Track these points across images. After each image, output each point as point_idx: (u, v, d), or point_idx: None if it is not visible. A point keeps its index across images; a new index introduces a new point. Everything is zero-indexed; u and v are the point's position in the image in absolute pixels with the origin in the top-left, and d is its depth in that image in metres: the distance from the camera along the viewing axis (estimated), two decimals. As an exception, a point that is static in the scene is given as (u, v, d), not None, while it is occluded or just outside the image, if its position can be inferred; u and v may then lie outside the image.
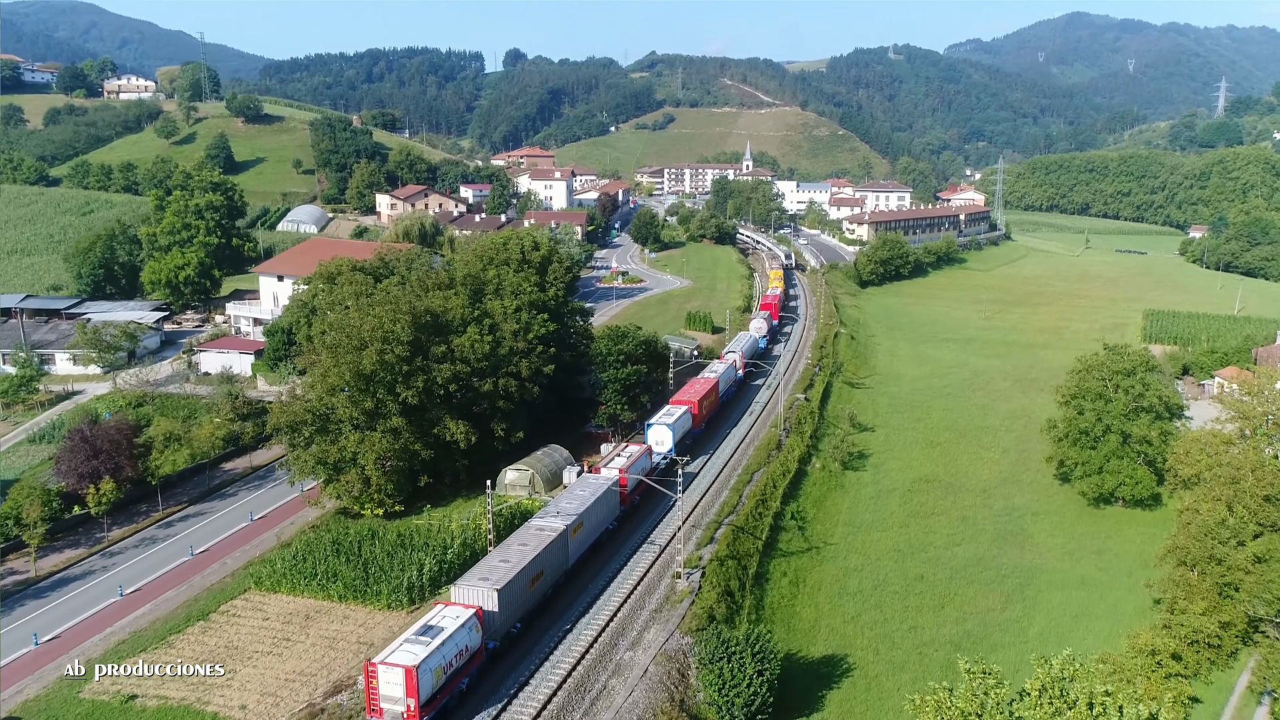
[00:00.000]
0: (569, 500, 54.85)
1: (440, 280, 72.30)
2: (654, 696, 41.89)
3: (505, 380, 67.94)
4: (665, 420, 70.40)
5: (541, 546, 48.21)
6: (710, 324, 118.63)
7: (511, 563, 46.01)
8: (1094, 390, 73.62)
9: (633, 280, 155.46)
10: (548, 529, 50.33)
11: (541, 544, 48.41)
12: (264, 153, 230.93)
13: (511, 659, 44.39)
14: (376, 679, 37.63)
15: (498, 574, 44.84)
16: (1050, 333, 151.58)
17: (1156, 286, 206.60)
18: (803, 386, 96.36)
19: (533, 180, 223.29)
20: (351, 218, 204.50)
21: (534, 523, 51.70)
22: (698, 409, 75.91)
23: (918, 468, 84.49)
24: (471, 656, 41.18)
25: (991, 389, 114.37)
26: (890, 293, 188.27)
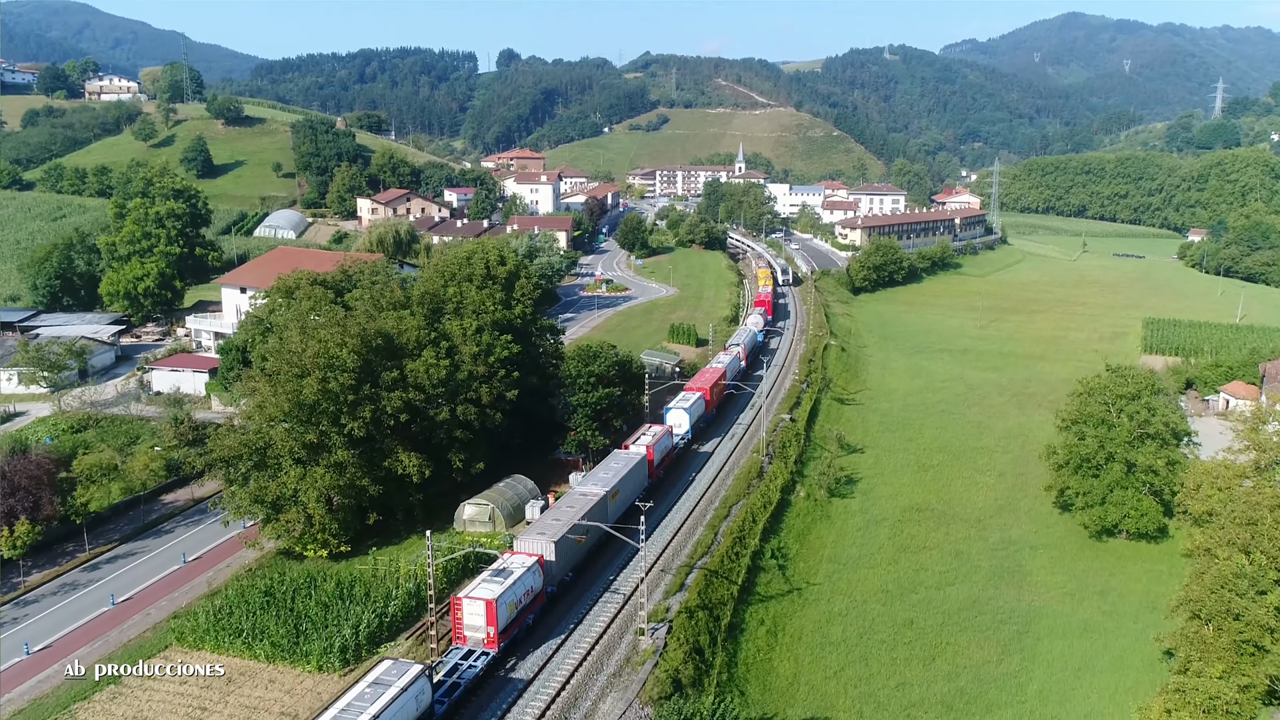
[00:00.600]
0: (605, 471, 62.01)
1: (395, 299, 67.27)
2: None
3: (464, 408, 62.99)
4: (682, 405, 78.04)
5: (587, 508, 55.14)
6: (694, 336, 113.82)
7: (563, 521, 52.96)
8: (1096, 415, 68.90)
9: (617, 288, 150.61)
10: (590, 494, 57.32)
11: (587, 506, 55.42)
12: (244, 155, 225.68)
13: (566, 602, 51.54)
14: (461, 610, 44.01)
15: (553, 529, 51.50)
16: (1047, 343, 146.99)
17: (1155, 292, 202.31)
18: (788, 405, 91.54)
19: (518, 184, 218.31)
20: (332, 222, 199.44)
21: (578, 489, 59.28)
22: (710, 395, 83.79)
23: (909, 494, 79.70)
24: (535, 597, 47.91)
25: (987, 404, 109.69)
26: (883, 300, 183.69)
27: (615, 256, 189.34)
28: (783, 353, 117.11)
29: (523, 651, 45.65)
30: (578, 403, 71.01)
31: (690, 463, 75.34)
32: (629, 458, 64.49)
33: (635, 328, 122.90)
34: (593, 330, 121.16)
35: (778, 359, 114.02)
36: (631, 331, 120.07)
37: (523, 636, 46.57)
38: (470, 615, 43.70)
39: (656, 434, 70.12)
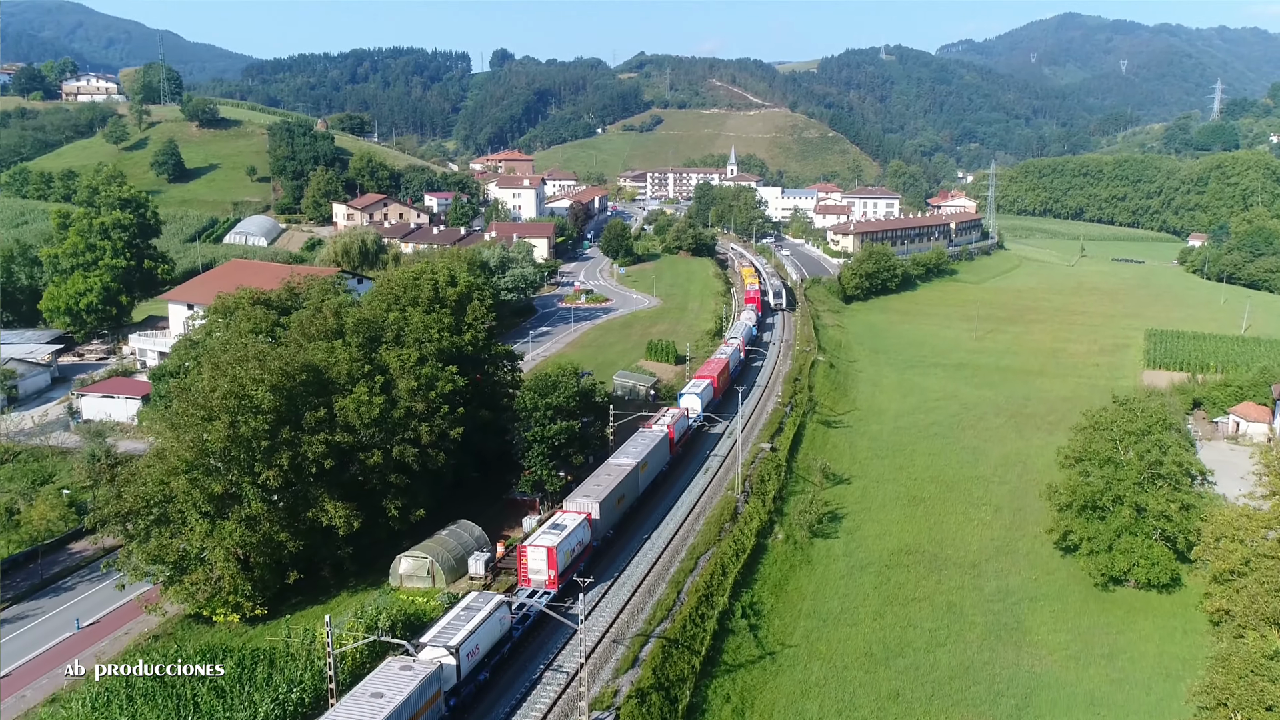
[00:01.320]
0: (634, 446, 68.67)
1: (327, 327, 60.72)
2: None
3: (401, 449, 56.56)
4: (694, 391, 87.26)
5: (622, 476, 62.76)
6: (674, 353, 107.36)
7: (603, 486, 60.58)
8: (1102, 453, 62.57)
9: (597, 299, 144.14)
10: (624, 465, 64.52)
11: (622, 474, 62.95)
12: (218, 159, 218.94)
13: (609, 554, 59.61)
14: (526, 557, 51.87)
15: (596, 493, 59.41)
16: (1046, 356, 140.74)
17: (1156, 300, 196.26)
18: (769, 433, 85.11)
19: (500, 189, 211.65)
20: (306, 229, 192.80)
21: (613, 460, 65.62)
22: (717, 381, 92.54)
23: (898, 533, 73.35)
24: (585, 548, 55.67)
25: (983, 426, 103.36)
26: (876, 308, 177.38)
27: (599, 264, 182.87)
28: (766, 371, 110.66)
29: (576, 594, 49.14)
30: (533, 438, 64.53)
31: (703, 441, 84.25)
32: (653, 435, 72.44)
33: (612, 344, 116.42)
34: (567, 346, 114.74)
35: (761, 378, 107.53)
36: (607, 348, 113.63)
37: (591, 567, 55.87)
38: (534, 560, 51.76)
39: (675, 415, 78.33)
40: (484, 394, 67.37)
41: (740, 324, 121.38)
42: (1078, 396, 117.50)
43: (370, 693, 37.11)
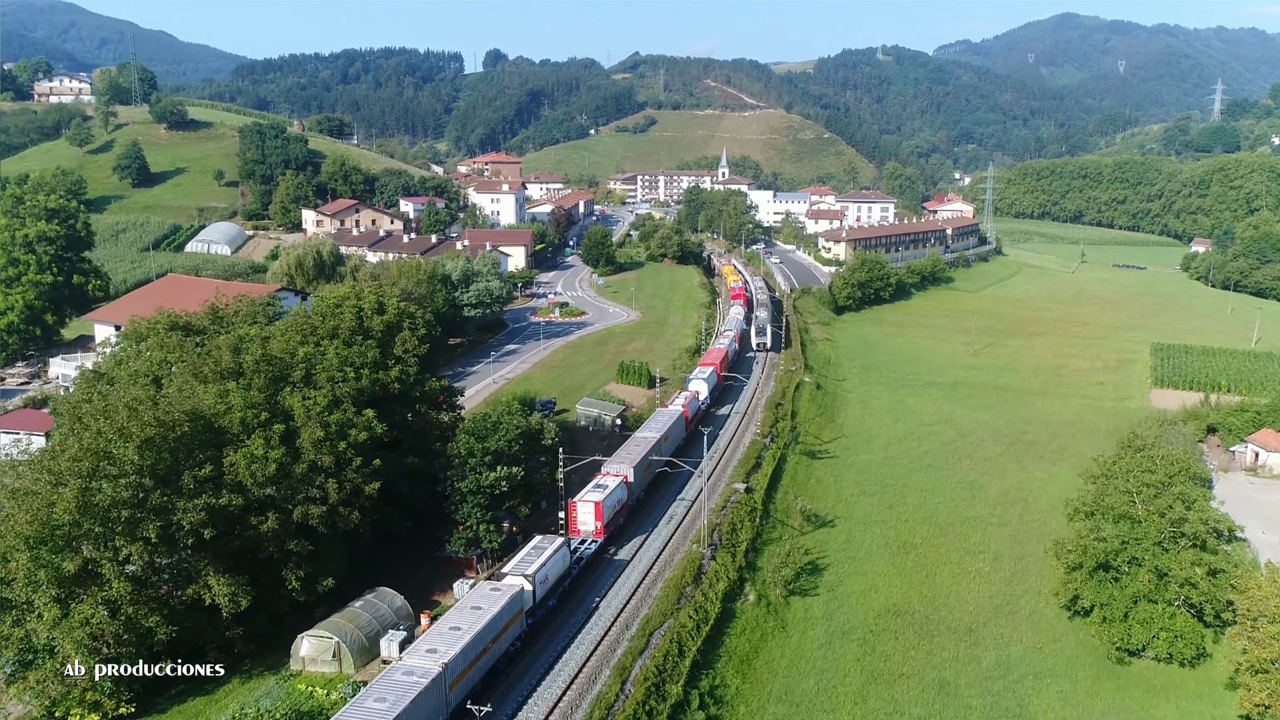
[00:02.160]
0: (655, 422, 77.72)
1: (224, 366, 52.60)
2: None
3: (305, 509, 48.54)
4: (701, 376, 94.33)
5: (649, 446, 70.28)
6: (647, 376, 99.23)
7: (634, 454, 67.86)
8: (1117, 508, 54.59)
9: (572, 312, 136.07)
10: (650, 437, 72.23)
11: (649, 445, 70.51)
12: (186, 162, 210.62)
13: (643, 512, 67.94)
14: (575, 510, 59.82)
15: (630, 459, 66.88)
16: (1047, 373, 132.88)
17: (1161, 310, 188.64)
18: (745, 469, 77.08)
19: (478, 193, 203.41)
20: (274, 236, 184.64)
21: (638, 434, 73.85)
22: (719, 368, 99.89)
23: (885, 589, 65.42)
24: (623, 506, 63.28)
25: (980, 456, 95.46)
26: (869, 320, 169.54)
27: (579, 273, 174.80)
28: (746, 396, 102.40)
29: (618, 545, 59.87)
30: (467, 489, 56.45)
31: (711, 420, 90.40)
32: (671, 413, 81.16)
33: (582, 364, 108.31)
34: (534, 367, 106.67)
35: (741, 403, 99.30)
36: (576, 369, 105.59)
37: (616, 534, 62.74)
38: (583, 513, 59.62)
39: (686, 397, 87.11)
40: (416, 436, 59.29)
41: (732, 317, 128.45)
42: (1082, 420, 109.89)
43: (470, 606, 45.83)
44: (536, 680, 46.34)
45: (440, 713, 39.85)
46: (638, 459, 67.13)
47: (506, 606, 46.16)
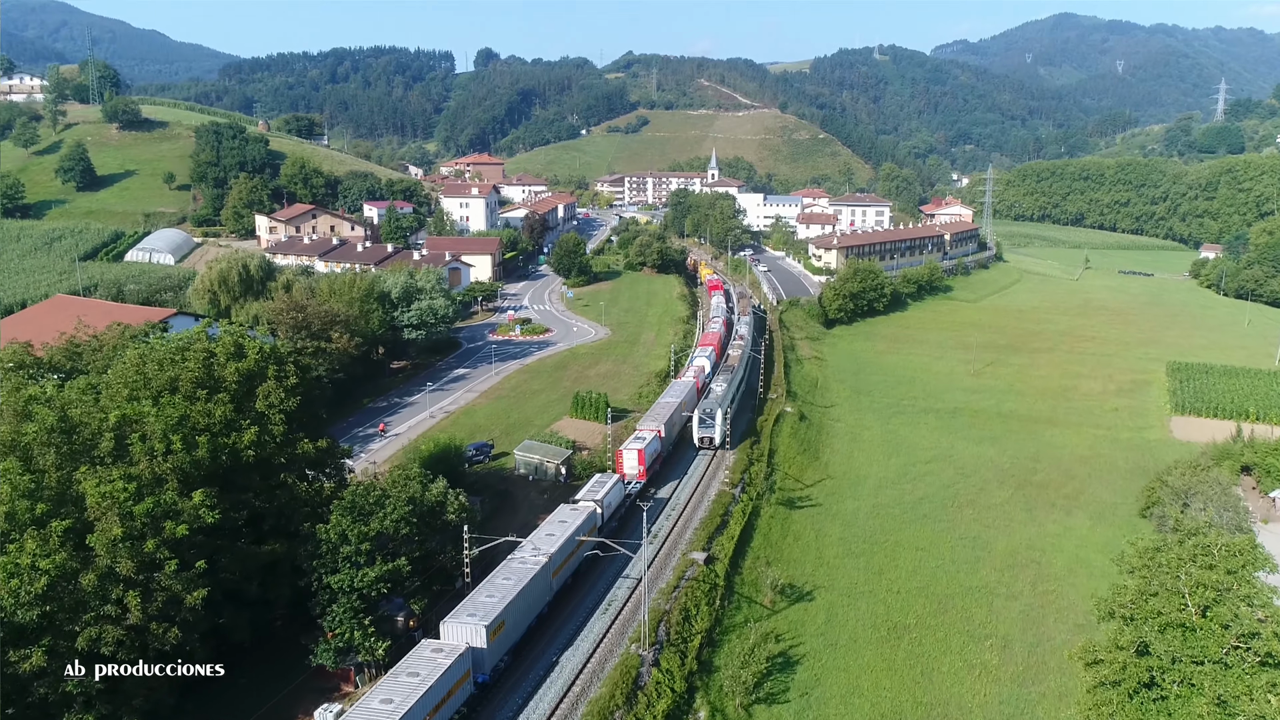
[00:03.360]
0: (673, 391, 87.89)
1: (1, 439, 40.33)
2: None
3: (96, 630, 36.46)
4: (703, 354, 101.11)
5: (673, 408, 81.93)
6: (604, 409, 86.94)
7: (663, 414, 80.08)
8: (1166, 614, 42.54)
9: (534, 330, 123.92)
10: (671, 402, 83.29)
11: (671, 408, 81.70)
12: (137, 164, 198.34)
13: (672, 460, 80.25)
14: (622, 458, 72.50)
15: (661, 416, 79.64)
16: (1055, 397, 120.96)
17: (1173, 322, 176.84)
18: (708, 532, 65.09)
19: (447, 198, 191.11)
20: (225, 243, 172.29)
21: (661, 400, 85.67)
22: (718, 348, 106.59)
23: (871, 693, 53.39)
24: (658, 457, 76.22)
25: (984, 503, 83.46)
26: (861, 334, 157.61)
27: (550, 284, 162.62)
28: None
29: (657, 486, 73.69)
30: (338, 587, 44.30)
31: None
32: (686, 384, 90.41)
33: (536, 393, 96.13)
34: (480, 397, 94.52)
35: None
36: (528, 400, 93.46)
37: (653, 478, 74.53)
38: (629, 459, 72.12)
39: (697, 370, 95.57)
40: (279, 515, 47.15)
41: (715, 308, 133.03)
42: (1097, 455, 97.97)
43: (559, 520, 58.40)
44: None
45: (546, 593, 52.43)
46: (667, 416, 79.44)
47: (585, 521, 58.99)
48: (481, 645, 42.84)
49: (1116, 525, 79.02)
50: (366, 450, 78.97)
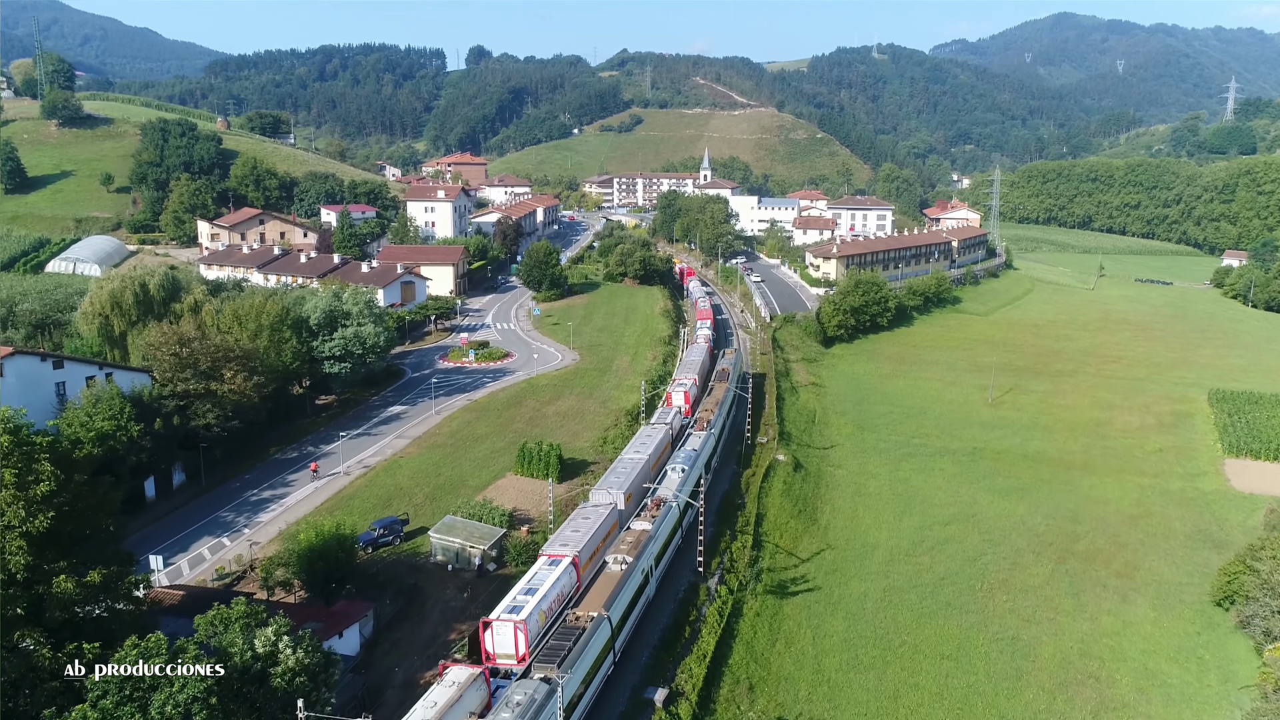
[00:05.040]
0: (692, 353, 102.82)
1: None
2: None
3: None
4: (704, 329, 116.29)
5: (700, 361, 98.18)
6: (556, 463, 71.33)
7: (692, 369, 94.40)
8: None
9: (492, 355, 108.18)
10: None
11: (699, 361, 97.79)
12: (75, 164, 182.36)
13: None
14: (673, 396, 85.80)
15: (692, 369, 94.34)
16: (1087, 434, 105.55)
17: (1203, 339, 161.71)
18: (673, 650, 49.48)
19: (411, 201, 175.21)
20: (163, 251, 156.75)
21: (686, 358, 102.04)
22: (712, 320, 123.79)
23: None
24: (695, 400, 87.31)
25: (1020, 583, 67.97)
26: (863, 353, 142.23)
27: (520, 298, 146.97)
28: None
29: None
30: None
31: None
32: (701, 347, 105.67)
33: (479, 439, 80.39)
34: (411, 445, 78.80)
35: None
36: (467, 449, 77.72)
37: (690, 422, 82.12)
38: (677, 395, 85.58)
39: (704, 337, 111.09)
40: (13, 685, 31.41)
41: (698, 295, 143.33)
42: (1147, 513, 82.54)
43: (645, 433, 72.91)
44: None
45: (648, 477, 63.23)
46: (696, 372, 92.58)
47: (663, 437, 71.00)
48: None
49: (1186, 618, 63.68)
50: (254, 523, 63.36)
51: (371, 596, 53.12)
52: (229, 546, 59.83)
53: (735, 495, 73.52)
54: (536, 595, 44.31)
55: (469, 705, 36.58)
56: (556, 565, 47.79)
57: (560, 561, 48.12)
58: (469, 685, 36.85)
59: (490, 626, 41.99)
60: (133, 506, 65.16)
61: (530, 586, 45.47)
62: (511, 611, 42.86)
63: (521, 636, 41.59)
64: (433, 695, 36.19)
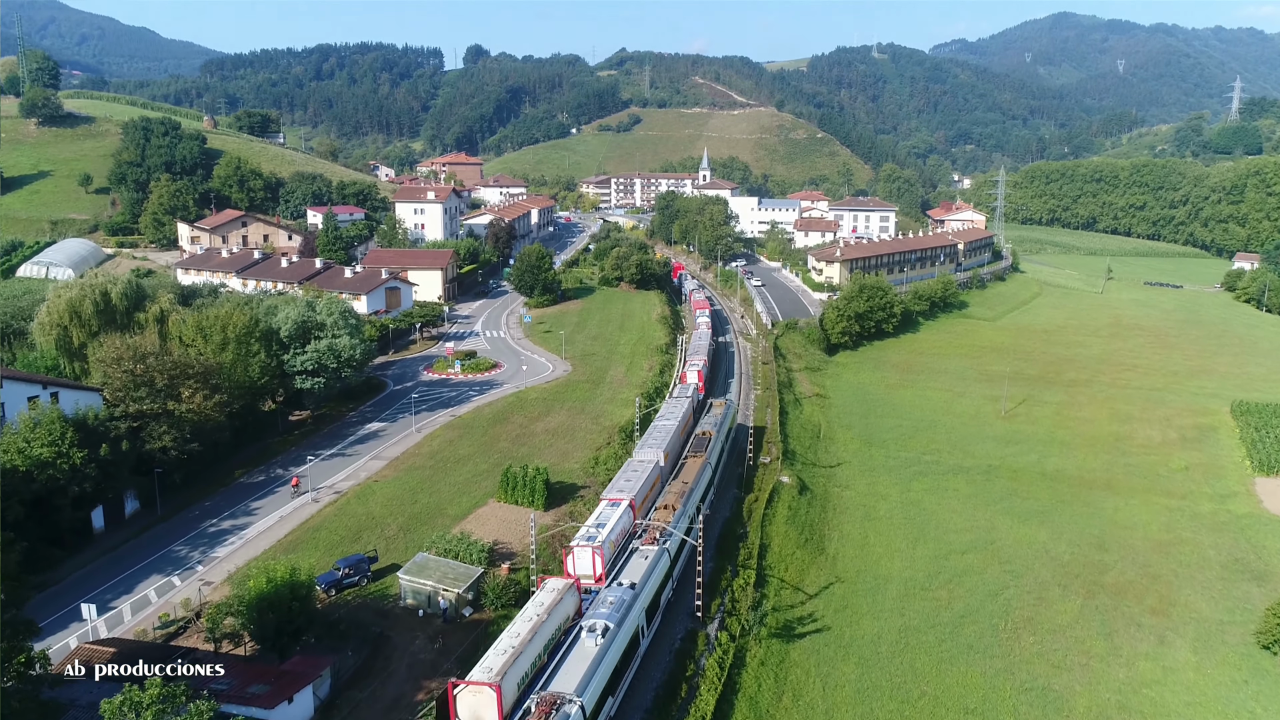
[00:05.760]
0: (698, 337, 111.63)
1: None
2: None
3: None
4: (703, 316, 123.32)
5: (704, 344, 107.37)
6: (542, 490, 65.79)
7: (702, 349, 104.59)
8: None
9: (479, 366, 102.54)
10: (702, 343, 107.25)
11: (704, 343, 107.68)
12: (53, 165, 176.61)
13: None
14: (686, 375, 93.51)
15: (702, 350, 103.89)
16: (1108, 450, 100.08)
17: (1219, 345, 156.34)
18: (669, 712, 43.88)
19: (400, 202, 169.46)
20: (141, 255, 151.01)
21: (695, 337, 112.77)
22: (709, 309, 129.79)
23: None
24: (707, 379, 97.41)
25: (1047, 623, 62.41)
26: (869, 362, 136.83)
27: (512, 304, 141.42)
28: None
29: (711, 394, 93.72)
30: None
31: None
32: (704, 331, 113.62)
33: (461, 461, 74.72)
34: (387, 466, 73.12)
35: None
36: (447, 473, 72.03)
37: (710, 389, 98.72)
38: (691, 373, 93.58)
39: (703, 322, 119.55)
40: None
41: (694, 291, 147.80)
42: (1178, 539, 77.02)
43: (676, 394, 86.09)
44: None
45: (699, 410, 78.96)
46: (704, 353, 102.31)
47: (692, 395, 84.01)
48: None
49: (1231, 663, 58.18)
50: (209, 559, 57.71)
51: (332, 648, 47.51)
52: (178, 587, 54.19)
53: (737, 523, 67.95)
54: (605, 529, 53.31)
55: (567, 609, 45.46)
56: (617, 507, 56.83)
57: (620, 504, 57.12)
58: (566, 592, 45.94)
59: (571, 551, 51.74)
60: (78, 540, 59.87)
61: (599, 522, 54.61)
62: (589, 540, 52.09)
63: (599, 559, 50.95)
64: (539, 598, 45.03)
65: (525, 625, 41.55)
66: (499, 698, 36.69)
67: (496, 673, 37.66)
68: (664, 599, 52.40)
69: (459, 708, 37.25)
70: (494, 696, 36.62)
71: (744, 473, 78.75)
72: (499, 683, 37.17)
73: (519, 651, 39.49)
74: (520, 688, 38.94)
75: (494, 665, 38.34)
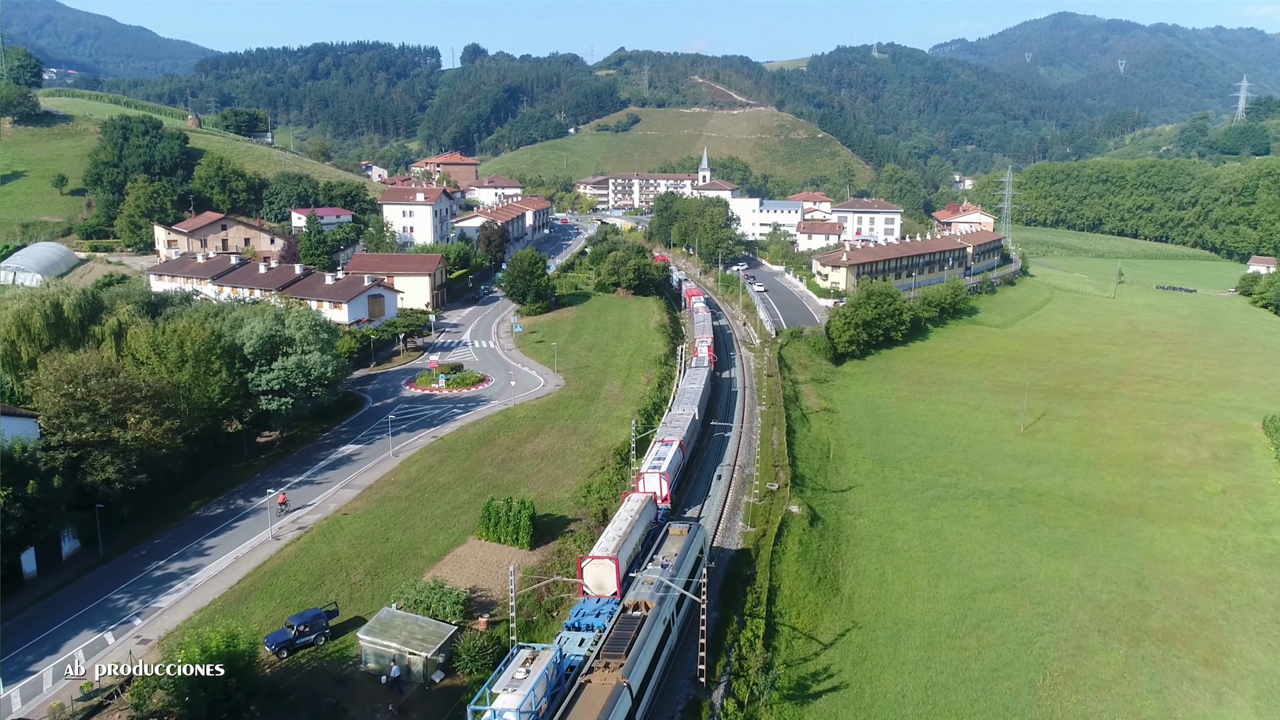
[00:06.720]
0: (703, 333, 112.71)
1: None
2: None
3: None
4: (699, 305, 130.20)
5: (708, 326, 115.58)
6: (528, 525, 59.35)
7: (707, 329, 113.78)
8: None
9: (465, 381, 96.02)
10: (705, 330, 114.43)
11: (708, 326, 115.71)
12: (28, 165, 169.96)
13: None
14: (697, 350, 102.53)
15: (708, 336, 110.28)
16: (1137, 470, 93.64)
17: (1241, 354, 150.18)
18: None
19: (388, 204, 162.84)
20: (116, 259, 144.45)
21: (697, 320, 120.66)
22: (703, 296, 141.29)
23: None
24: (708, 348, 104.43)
25: (1089, 678, 56.03)
26: (878, 372, 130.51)
27: (504, 311, 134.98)
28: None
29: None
30: None
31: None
32: (706, 316, 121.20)
33: (440, 489, 68.24)
34: (358, 497, 66.60)
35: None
36: (424, 504, 65.51)
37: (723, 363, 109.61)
38: (700, 348, 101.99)
39: (702, 315, 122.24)
40: None
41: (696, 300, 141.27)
42: (1224, 577, 70.48)
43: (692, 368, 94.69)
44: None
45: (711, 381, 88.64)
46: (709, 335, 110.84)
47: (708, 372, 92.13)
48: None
49: (1301, 726, 51.79)
50: (149, 610, 51.18)
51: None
52: (110, 646, 47.66)
53: (743, 563, 61.48)
54: (665, 459, 66.54)
55: (650, 515, 57.88)
56: (670, 446, 69.48)
57: (672, 445, 69.73)
58: (649, 501, 58.96)
59: (642, 476, 63.75)
60: (5, 587, 53.39)
61: (659, 455, 67.51)
62: (653, 468, 64.74)
63: (665, 482, 63.41)
64: (629, 505, 57.34)
65: (625, 521, 54.56)
66: (618, 567, 48.73)
67: (614, 549, 49.95)
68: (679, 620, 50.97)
69: (585, 576, 49.11)
70: (613, 566, 48.71)
71: (746, 506, 72.18)
72: (617, 556, 49.27)
73: (625, 535, 52.02)
74: (628, 564, 50.66)
75: (609, 546, 50.57)
